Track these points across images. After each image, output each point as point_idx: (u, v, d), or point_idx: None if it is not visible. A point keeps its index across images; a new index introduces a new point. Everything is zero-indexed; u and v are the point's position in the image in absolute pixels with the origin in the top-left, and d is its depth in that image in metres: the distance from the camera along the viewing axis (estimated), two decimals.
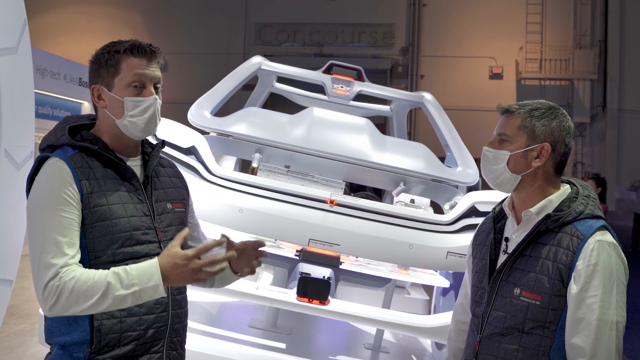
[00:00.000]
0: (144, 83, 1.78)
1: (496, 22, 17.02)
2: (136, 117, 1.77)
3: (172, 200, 1.89)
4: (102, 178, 1.73)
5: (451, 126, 4.74)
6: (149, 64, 1.79)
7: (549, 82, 17.05)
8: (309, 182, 3.98)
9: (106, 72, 1.78)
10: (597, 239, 1.73)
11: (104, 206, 1.70)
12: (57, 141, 1.77)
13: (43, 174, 1.71)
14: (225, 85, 4.61)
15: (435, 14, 17.33)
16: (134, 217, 1.74)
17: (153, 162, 1.87)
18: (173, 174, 1.98)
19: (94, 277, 1.60)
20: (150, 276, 1.60)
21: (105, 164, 1.76)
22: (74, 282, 1.59)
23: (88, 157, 1.74)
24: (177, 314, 1.83)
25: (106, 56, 1.78)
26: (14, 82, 3.59)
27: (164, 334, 1.78)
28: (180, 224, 1.89)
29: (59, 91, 10.53)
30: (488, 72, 17.12)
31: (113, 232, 1.70)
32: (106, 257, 1.69)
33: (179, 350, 1.86)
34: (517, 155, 1.85)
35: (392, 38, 17.49)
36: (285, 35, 17.70)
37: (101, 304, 1.58)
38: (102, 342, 1.67)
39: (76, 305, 1.59)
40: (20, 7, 3.69)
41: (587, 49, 16.73)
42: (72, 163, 1.70)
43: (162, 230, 1.81)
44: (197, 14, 17.58)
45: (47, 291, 1.60)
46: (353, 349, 4.16)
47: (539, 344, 1.76)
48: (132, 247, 1.72)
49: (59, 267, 1.61)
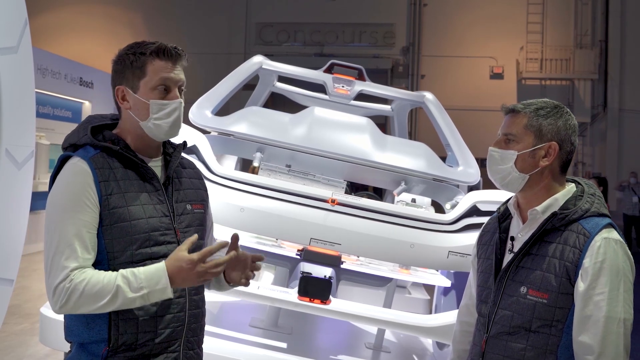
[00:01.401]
0: (169, 86, 1.80)
1: (497, 22, 17.02)
2: (161, 120, 1.78)
3: (191, 201, 1.90)
4: (122, 179, 1.75)
5: (452, 126, 4.74)
6: (174, 67, 1.80)
7: (550, 82, 17.04)
8: (310, 181, 3.97)
9: (131, 74, 1.79)
10: (603, 237, 1.73)
11: (123, 207, 1.71)
12: (80, 140, 1.79)
13: (64, 174, 1.73)
14: (226, 85, 4.61)
15: (436, 14, 17.33)
16: (152, 218, 1.76)
17: (174, 162, 1.88)
18: (193, 175, 1.99)
19: (104, 279, 1.63)
20: (158, 279, 1.64)
21: (126, 165, 1.78)
22: (84, 284, 1.62)
23: (109, 157, 1.76)
24: (195, 314, 1.84)
25: (131, 58, 1.79)
26: (15, 82, 3.59)
27: (181, 333, 1.79)
28: (199, 225, 1.90)
29: (59, 91, 10.54)
30: (489, 72, 17.12)
31: (132, 233, 1.71)
32: (124, 257, 1.71)
33: (196, 350, 1.87)
34: (524, 155, 1.84)
35: (392, 38, 17.49)
36: (286, 35, 17.70)
37: (110, 305, 1.63)
38: (120, 340, 1.69)
39: (85, 307, 1.64)
40: (21, 6, 3.69)
41: (588, 49, 16.73)
42: (93, 163, 1.72)
43: (182, 230, 1.82)
44: (197, 14, 17.59)
45: (58, 292, 1.63)
46: (354, 348, 4.15)
47: (546, 342, 1.76)
48: (151, 247, 1.74)
49: (70, 270, 1.63)
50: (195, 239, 1.70)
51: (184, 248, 1.67)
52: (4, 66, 3.46)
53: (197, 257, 1.64)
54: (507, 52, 16.91)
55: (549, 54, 16.89)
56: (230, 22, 17.69)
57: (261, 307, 4.36)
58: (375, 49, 17.44)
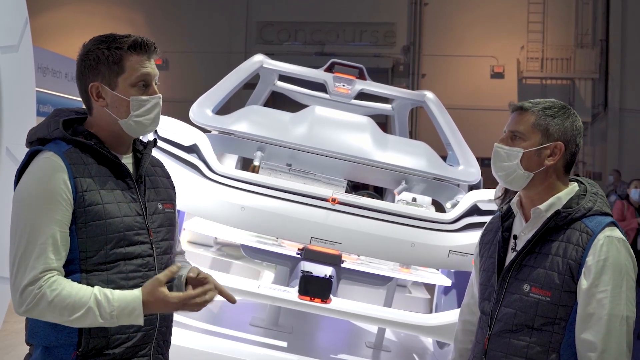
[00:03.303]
0: (149, 81, 1.74)
1: (497, 21, 16.99)
2: (142, 117, 1.72)
3: (162, 200, 1.84)
4: (96, 175, 1.67)
5: (453, 125, 4.74)
6: (149, 60, 1.74)
7: (550, 82, 17.01)
8: (310, 180, 3.98)
9: (107, 70, 1.70)
10: (606, 235, 1.74)
11: (99, 205, 1.64)
12: (50, 135, 1.69)
13: (35, 168, 1.64)
14: (226, 84, 4.61)
15: (437, 13, 17.31)
16: (127, 217, 1.69)
17: (146, 160, 1.81)
18: (162, 174, 1.92)
19: (76, 295, 1.56)
20: (131, 310, 1.58)
21: (99, 161, 1.70)
22: (54, 294, 1.55)
23: (82, 152, 1.68)
24: (165, 316, 1.78)
25: (106, 53, 1.70)
26: (15, 81, 3.58)
27: (152, 337, 1.74)
28: (170, 225, 1.85)
29: (60, 89, 10.52)
30: (489, 71, 17.08)
31: (107, 232, 1.64)
32: (98, 257, 1.64)
33: (165, 355, 1.82)
34: (530, 153, 1.84)
35: (393, 37, 17.46)
36: (287, 34, 17.68)
37: (77, 323, 1.57)
38: (90, 344, 1.62)
39: (51, 316, 1.57)
40: (22, 5, 3.68)
41: (589, 48, 16.69)
42: (67, 158, 1.64)
43: (154, 230, 1.76)
44: (198, 13, 17.56)
45: (25, 296, 1.56)
46: (354, 347, 4.16)
47: (549, 340, 1.76)
48: (125, 247, 1.67)
49: (39, 272, 1.56)
50: (176, 270, 1.64)
51: (163, 280, 1.60)
52: (4, 65, 3.45)
53: (177, 301, 1.60)
54: (508, 51, 16.88)
55: (550, 53, 16.86)
56: (230, 21, 17.66)
57: (262, 306, 4.37)
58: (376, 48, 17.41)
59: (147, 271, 1.71)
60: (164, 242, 1.80)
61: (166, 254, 1.80)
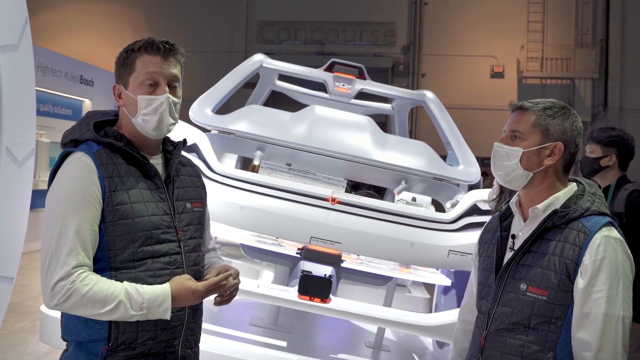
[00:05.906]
0: (158, 81, 1.77)
1: (498, 21, 16.99)
2: (148, 116, 1.77)
3: (191, 199, 1.90)
4: (125, 175, 1.74)
5: (453, 124, 4.74)
6: (163, 61, 1.78)
7: (551, 81, 17.02)
8: (310, 180, 3.98)
9: (123, 71, 1.79)
10: (603, 235, 1.74)
11: (126, 204, 1.71)
12: (82, 136, 1.77)
13: (67, 169, 1.71)
14: (226, 83, 4.61)
15: (437, 13, 17.31)
16: (155, 216, 1.75)
17: (175, 160, 1.88)
18: (192, 173, 1.98)
19: (108, 289, 1.63)
20: (161, 302, 1.67)
21: (129, 161, 1.77)
22: (87, 289, 1.62)
23: (112, 153, 1.75)
24: (193, 312, 1.84)
25: (124, 55, 1.79)
26: (15, 80, 3.58)
27: (180, 332, 1.79)
28: (199, 224, 1.90)
29: (60, 89, 10.53)
30: (489, 71, 17.09)
31: (134, 231, 1.70)
32: (126, 255, 1.70)
33: (194, 349, 1.87)
34: (530, 153, 1.85)
35: (393, 36, 17.46)
36: (287, 34, 17.67)
37: (108, 316, 1.64)
38: (120, 339, 1.69)
39: (82, 310, 1.63)
40: (22, 4, 3.68)
41: (589, 48, 16.69)
42: (97, 159, 1.71)
43: (182, 229, 1.82)
44: (199, 12, 17.56)
45: (57, 290, 1.62)
46: (354, 347, 4.15)
47: (545, 339, 1.77)
48: (152, 245, 1.73)
49: (71, 267, 1.62)
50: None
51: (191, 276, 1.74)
52: (4, 64, 3.45)
53: (203, 289, 1.71)
54: (508, 51, 16.88)
55: (550, 53, 16.86)
56: (231, 20, 17.67)
57: (261, 305, 4.37)
58: (376, 47, 17.41)
59: (175, 269, 1.77)
60: (192, 240, 1.85)
61: (195, 251, 1.85)
